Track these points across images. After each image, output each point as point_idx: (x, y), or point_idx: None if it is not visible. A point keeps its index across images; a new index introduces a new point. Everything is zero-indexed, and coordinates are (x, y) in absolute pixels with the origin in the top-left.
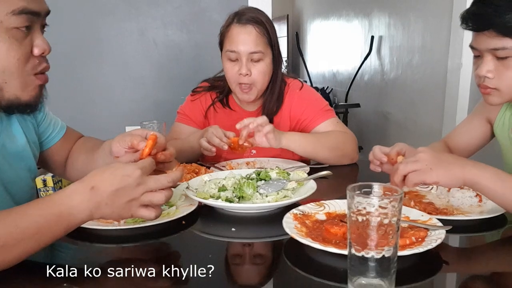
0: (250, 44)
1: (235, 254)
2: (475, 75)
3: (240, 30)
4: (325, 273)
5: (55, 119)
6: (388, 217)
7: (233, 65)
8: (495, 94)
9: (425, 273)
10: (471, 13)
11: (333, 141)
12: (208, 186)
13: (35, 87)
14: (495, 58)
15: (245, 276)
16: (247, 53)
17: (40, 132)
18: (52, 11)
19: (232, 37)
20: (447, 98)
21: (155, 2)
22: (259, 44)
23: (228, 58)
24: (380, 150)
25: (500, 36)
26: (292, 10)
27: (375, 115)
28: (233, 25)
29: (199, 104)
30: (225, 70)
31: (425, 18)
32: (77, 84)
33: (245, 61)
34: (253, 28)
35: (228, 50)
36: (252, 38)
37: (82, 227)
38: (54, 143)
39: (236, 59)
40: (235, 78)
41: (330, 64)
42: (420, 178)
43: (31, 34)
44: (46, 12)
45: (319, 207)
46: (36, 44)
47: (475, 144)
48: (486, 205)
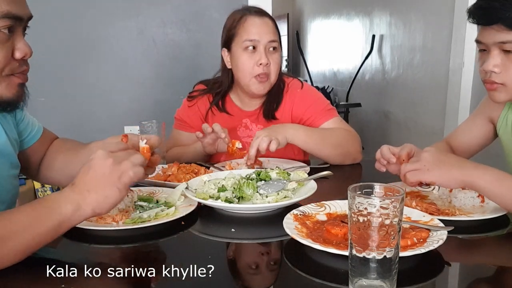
0: (269, 33)
1: (235, 255)
2: (480, 70)
3: (258, 20)
4: (326, 274)
5: (33, 120)
6: (389, 217)
7: (250, 55)
8: (501, 90)
9: (427, 274)
10: (478, 7)
11: (338, 139)
12: (208, 187)
13: (15, 86)
14: (502, 52)
15: (245, 277)
16: (266, 41)
17: (19, 131)
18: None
19: (250, 27)
20: (448, 98)
21: (154, 1)
22: (276, 35)
23: (245, 47)
24: (389, 150)
25: (508, 29)
26: (293, 9)
27: (376, 114)
28: (248, 16)
29: (197, 109)
30: (241, 63)
31: (426, 17)
32: (76, 83)
33: (264, 50)
34: (269, 20)
35: (246, 40)
36: (270, 28)
37: (82, 228)
38: (32, 144)
39: (254, 49)
40: (252, 70)
41: (331, 63)
42: (417, 177)
43: (12, 38)
44: (28, 17)
45: (319, 207)
46: (17, 48)
47: (477, 144)
48: (488, 205)
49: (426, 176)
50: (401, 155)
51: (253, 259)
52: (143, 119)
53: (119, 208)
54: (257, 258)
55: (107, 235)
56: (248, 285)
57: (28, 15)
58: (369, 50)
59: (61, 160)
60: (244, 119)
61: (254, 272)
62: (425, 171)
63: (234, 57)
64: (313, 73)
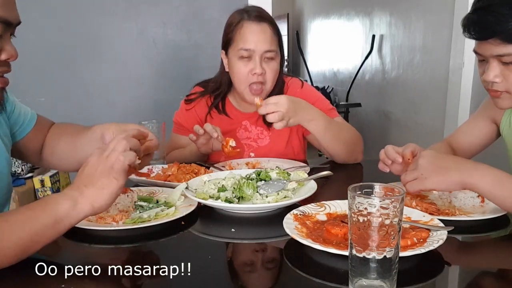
0: (266, 42)
1: (234, 255)
2: (482, 80)
3: (255, 27)
4: (325, 274)
5: (25, 109)
6: (389, 217)
7: (245, 64)
8: (505, 97)
9: (427, 274)
10: (472, 21)
11: (349, 136)
12: (208, 187)
13: None
14: (500, 63)
15: (245, 277)
16: (262, 51)
17: (11, 124)
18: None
19: (246, 34)
20: (448, 98)
21: (154, 2)
22: (273, 43)
23: (240, 56)
24: (394, 149)
25: (504, 43)
26: (293, 9)
27: (376, 114)
28: (245, 22)
29: (195, 113)
30: (236, 70)
31: (426, 17)
32: (76, 83)
33: (259, 59)
34: (267, 27)
35: (241, 48)
36: (267, 36)
37: (82, 228)
38: (26, 133)
39: (249, 58)
40: (246, 78)
41: (331, 63)
42: (417, 187)
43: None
44: (17, 23)
45: (319, 207)
46: (4, 49)
47: (479, 144)
48: (488, 205)
49: (426, 185)
50: (405, 154)
51: (253, 259)
52: (143, 119)
53: (119, 208)
54: (257, 258)
55: (107, 235)
56: (248, 285)
57: (18, 20)
58: (369, 50)
59: (64, 145)
60: (243, 121)
61: (254, 272)
62: (423, 179)
63: (230, 62)
64: (313, 73)
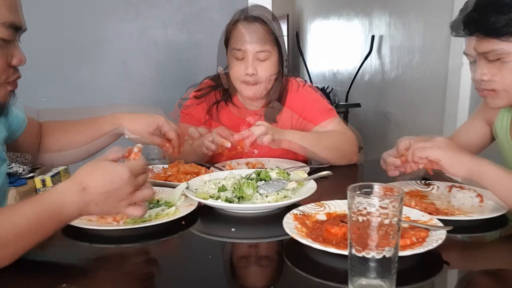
0: (257, 42)
1: (235, 254)
2: (472, 81)
3: (247, 28)
4: (325, 273)
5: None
6: (388, 217)
7: (239, 64)
8: (494, 96)
9: (426, 273)
10: (457, 20)
11: (333, 142)
12: (208, 186)
13: (7, 93)
14: (487, 61)
15: (245, 276)
16: (253, 52)
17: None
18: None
19: (238, 35)
20: (447, 98)
21: (155, 2)
22: (266, 43)
23: (234, 56)
24: (389, 155)
25: (488, 38)
26: (293, 10)
27: (375, 115)
28: (239, 22)
29: (204, 104)
30: (231, 68)
31: (425, 18)
32: (76, 84)
33: (251, 60)
34: (260, 26)
35: (234, 49)
36: (259, 36)
37: (83, 227)
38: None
39: (242, 58)
40: (240, 77)
41: (331, 64)
42: (426, 153)
43: (10, 47)
44: (24, 29)
45: (319, 207)
46: (15, 55)
47: (475, 146)
48: (487, 205)
49: (436, 152)
50: (400, 151)
51: (253, 259)
52: None
53: None
54: (257, 258)
55: (107, 234)
56: (248, 285)
57: (24, 26)
58: (369, 50)
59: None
60: (248, 118)
61: (254, 272)
62: (436, 148)
63: (228, 61)
64: (313, 74)
